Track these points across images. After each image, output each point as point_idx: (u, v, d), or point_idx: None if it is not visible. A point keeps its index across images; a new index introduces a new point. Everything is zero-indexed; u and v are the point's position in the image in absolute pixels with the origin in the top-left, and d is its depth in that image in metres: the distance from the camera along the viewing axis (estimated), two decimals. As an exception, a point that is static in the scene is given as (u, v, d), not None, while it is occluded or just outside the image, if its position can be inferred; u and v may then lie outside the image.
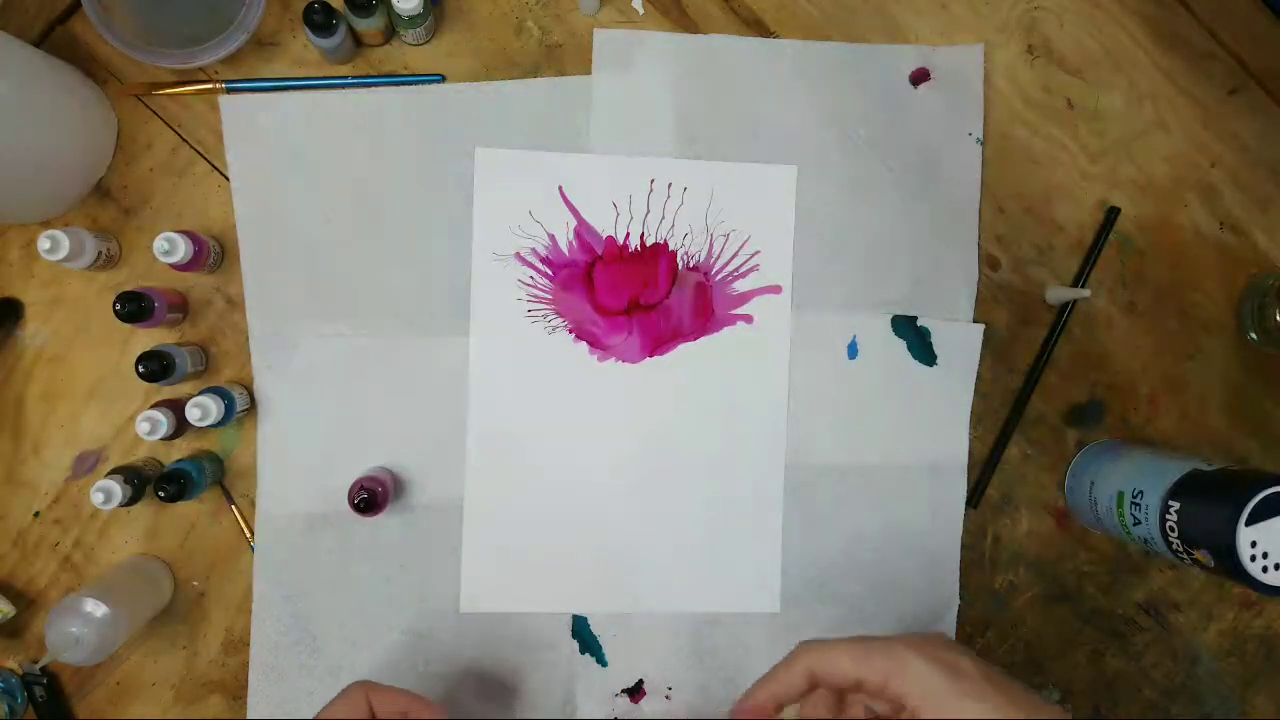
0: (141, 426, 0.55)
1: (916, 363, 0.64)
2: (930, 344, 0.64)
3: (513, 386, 0.62)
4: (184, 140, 0.61)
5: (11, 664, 0.60)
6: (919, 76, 0.64)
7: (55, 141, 0.56)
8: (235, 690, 0.61)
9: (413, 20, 0.58)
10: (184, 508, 0.61)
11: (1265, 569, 0.51)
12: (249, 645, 0.60)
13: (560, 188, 0.62)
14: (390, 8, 0.57)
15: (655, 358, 0.63)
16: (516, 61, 0.62)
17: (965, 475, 0.65)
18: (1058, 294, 0.65)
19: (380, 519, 0.61)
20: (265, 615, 0.61)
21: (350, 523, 0.61)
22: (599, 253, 0.62)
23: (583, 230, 0.62)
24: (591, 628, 0.63)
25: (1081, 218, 0.66)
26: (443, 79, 0.62)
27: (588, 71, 0.62)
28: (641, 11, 0.63)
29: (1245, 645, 0.68)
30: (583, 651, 0.63)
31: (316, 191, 0.61)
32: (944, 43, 0.65)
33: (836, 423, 0.64)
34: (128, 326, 0.57)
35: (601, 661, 0.63)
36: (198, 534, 0.61)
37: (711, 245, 0.63)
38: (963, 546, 0.65)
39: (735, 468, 0.64)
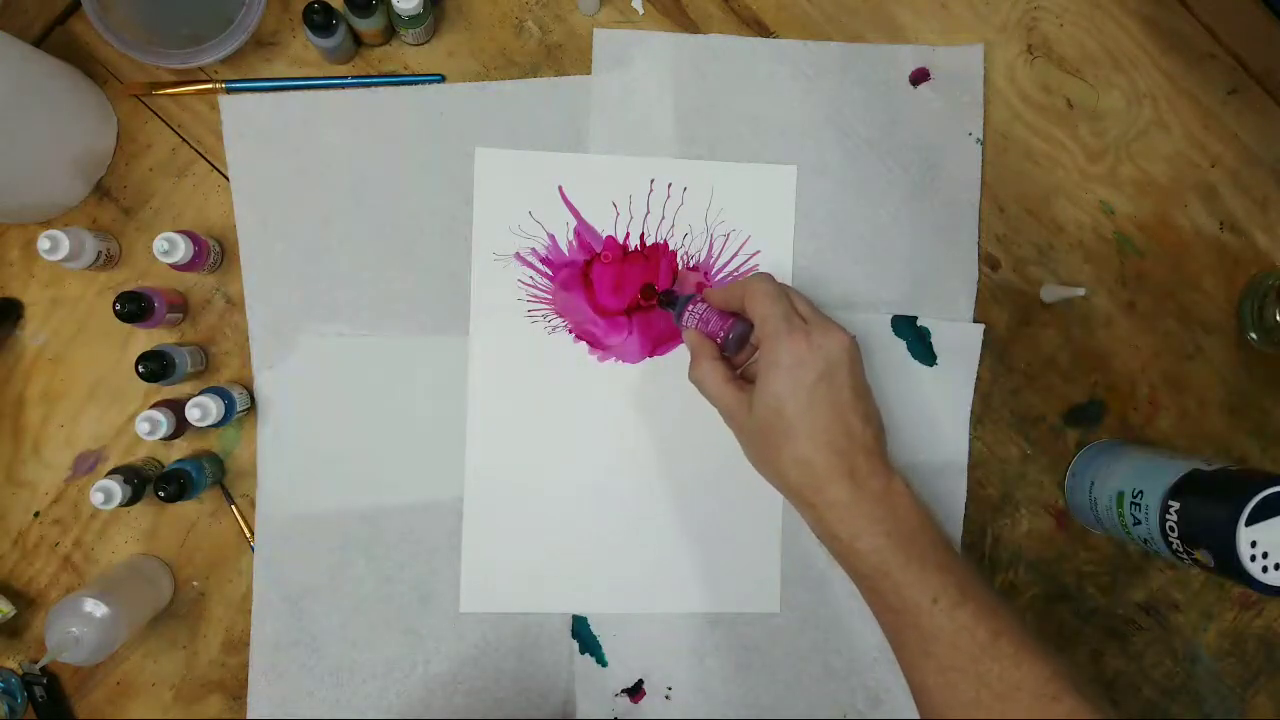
0: (141, 426, 0.55)
1: (916, 363, 0.64)
2: (930, 344, 0.64)
3: (513, 386, 0.62)
4: (184, 140, 0.61)
5: (11, 664, 0.60)
6: (919, 76, 0.64)
7: (55, 141, 0.56)
8: (235, 690, 0.61)
9: (413, 20, 0.58)
10: (184, 508, 0.61)
11: (1265, 569, 0.51)
12: (249, 645, 0.60)
13: (560, 188, 0.62)
14: (390, 8, 0.57)
15: (655, 358, 0.63)
16: (516, 61, 0.62)
17: (965, 475, 0.65)
18: (1053, 292, 0.65)
19: (380, 519, 0.61)
20: (265, 615, 0.61)
21: (350, 523, 0.61)
22: (599, 253, 0.62)
23: (583, 230, 0.62)
24: (591, 628, 0.63)
25: (1081, 218, 0.66)
26: (443, 79, 0.62)
27: (588, 71, 0.62)
28: (641, 11, 0.63)
29: (1245, 645, 0.68)
30: (583, 651, 0.63)
31: (316, 191, 0.61)
32: (944, 43, 0.65)
33: (836, 423, 0.64)
34: (128, 326, 0.57)
35: (601, 661, 0.63)
36: (198, 534, 0.61)
37: (711, 245, 0.63)
38: (963, 546, 0.65)
39: (735, 468, 0.63)
